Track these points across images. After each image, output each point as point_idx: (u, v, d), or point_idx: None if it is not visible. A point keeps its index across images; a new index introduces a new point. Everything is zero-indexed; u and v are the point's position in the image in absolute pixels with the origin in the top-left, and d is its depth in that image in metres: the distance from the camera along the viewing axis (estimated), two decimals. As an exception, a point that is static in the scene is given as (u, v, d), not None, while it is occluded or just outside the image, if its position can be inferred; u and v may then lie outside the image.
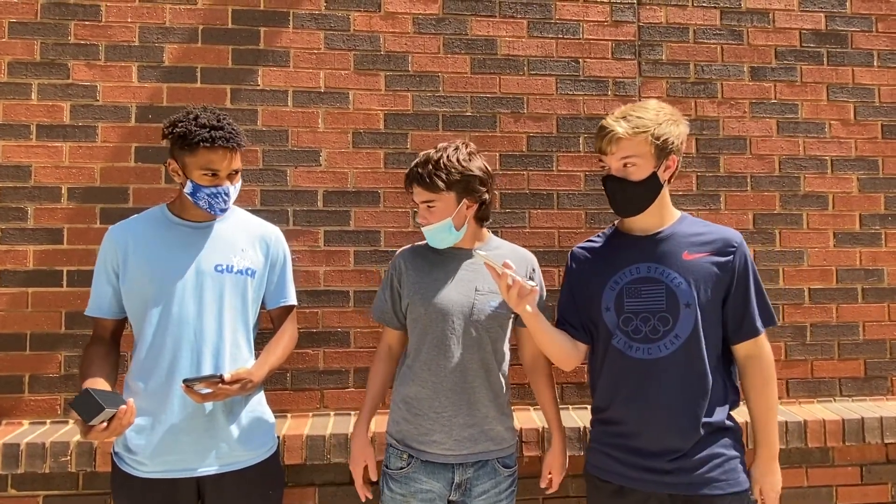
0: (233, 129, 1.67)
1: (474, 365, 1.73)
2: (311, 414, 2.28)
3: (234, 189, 1.72)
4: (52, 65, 2.24)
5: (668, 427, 1.60)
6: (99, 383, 1.58)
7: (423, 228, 1.77)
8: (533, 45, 2.43)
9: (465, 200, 1.72)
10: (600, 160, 1.69)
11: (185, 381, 1.54)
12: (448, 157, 1.70)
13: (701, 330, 1.60)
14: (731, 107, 2.50)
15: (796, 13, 2.55)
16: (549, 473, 1.87)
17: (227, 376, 1.56)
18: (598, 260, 1.75)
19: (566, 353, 1.72)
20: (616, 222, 1.80)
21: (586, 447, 1.78)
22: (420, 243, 1.90)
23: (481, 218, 1.81)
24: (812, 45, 2.55)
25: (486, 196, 1.77)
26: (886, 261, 2.53)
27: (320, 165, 2.33)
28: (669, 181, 1.69)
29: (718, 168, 2.47)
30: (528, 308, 1.57)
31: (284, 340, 1.84)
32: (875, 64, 2.57)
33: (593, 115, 2.43)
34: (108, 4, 2.28)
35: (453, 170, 1.69)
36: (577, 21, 2.45)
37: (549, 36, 2.44)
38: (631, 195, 1.65)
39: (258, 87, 2.32)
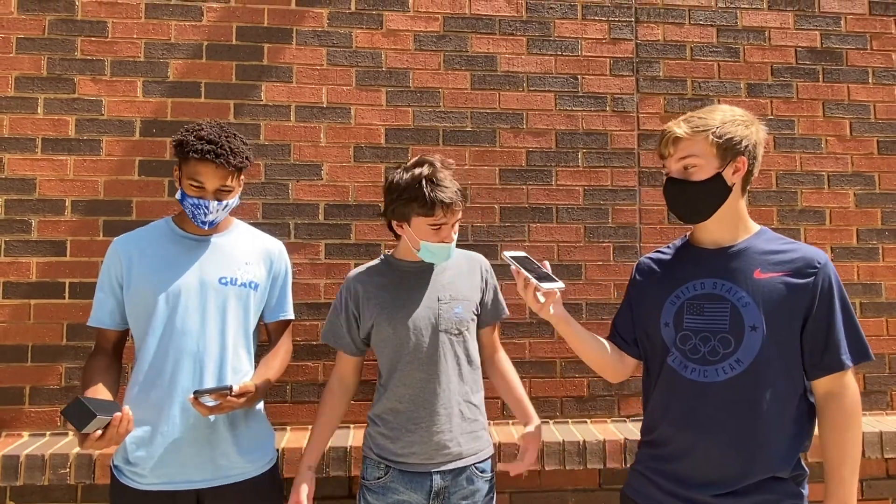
0: (230, 147, 1.66)
1: (449, 373, 1.75)
2: (310, 426, 2.27)
3: (218, 205, 1.69)
4: (59, 80, 2.28)
5: (715, 458, 1.44)
6: (98, 392, 1.59)
7: (447, 246, 1.73)
8: (532, 62, 2.46)
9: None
10: (663, 167, 1.57)
11: (195, 392, 1.54)
12: (448, 175, 1.74)
13: (768, 357, 1.43)
14: (728, 123, 2.52)
15: (791, 31, 2.59)
16: (527, 449, 1.78)
17: (236, 388, 1.57)
18: (663, 272, 1.62)
19: (609, 364, 1.63)
20: (688, 234, 1.66)
21: (630, 467, 1.67)
22: (370, 265, 1.87)
23: None
24: (807, 63, 2.59)
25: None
26: (884, 275, 2.54)
27: (322, 179, 2.36)
28: (744, 189, 1.53)
29: (716, 183, 2.49)
30: (552, 311, 1.50)
31: (281, 354, 1.85)
32: (870, 81, 2.61)
33: (592, 130, 2.46)
34: (115, 21, 2.32)
35: (460, 189, 1.76)
36: (576, 38, 2.49)
37: (548, 53, 2.47)
38: (693, 198, 1.50)
39: (261, 103, 2.35)
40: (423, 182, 1.67)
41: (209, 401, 1.55)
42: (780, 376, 1.44)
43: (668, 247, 1.70)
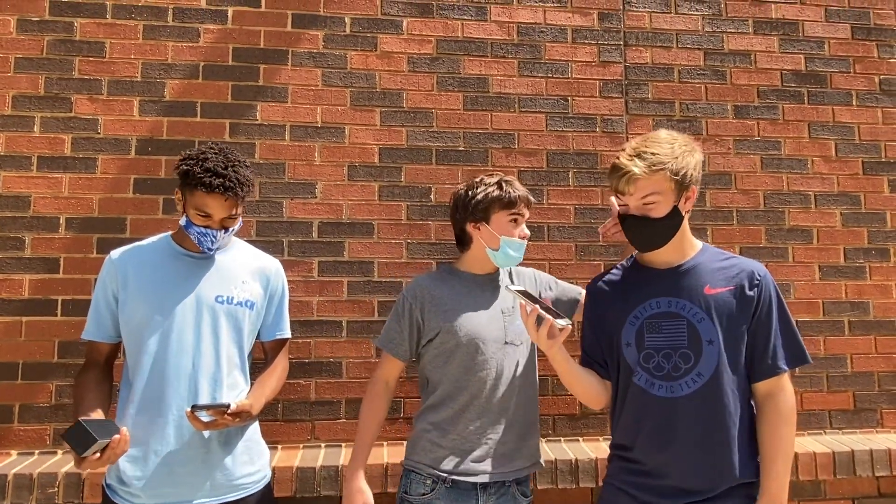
0: (237, 178, 1.67)
1: (513, 385, 1.78)
2: (301, 445, 2.27)
3: (223, 233, 1.71)
4: (56, 99, 2.31)
5: (690, 469, 1.51)
6: (95, 411, 1.58)
7: (524, 243, 1.83)
8: (523, 84, 2.51)
9: None
10: (618, 198, 1.61)
11: (193, 406, 1.54)
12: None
13: (725, 369, 1.51)
14: (716, 143, 2.58)
15: (777, 54, 2.66)
16: None
17: (233, 407, 1.57)
18: (617, 294, 1.67)
19: (595, 393, 1.66)
20: (635, 254, 1.73)
21: (602, 482, 1.72)
22: (431, 273, 1.95)
23: None
24: (793, 85, 2.65)
25: None
26: (871, 294, 2.57)
27: (315, 197, 2.38)
28: (689, 211, 1.63)
29: (705, 203, 2.54)
30: (559, 351, 1.53)
31: (277, 373, 1.85)
32: (854, 103, 2.67)
33: (582, 150, 2.50)
34: (113, 41, 2.35)
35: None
36: (566, 61, 2.54)
37: (539, 75, 2.52)
38: (653, 232, 1.57)
39: (256, 122, 2.38)
40: (501, 182, 1.83)
41: (205, 416, 1.55)
42: (736, 385, 1.53)
43: (617, 268, 1.76)
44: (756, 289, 1.55)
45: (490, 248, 1.81)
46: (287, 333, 1.90)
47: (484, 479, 1.72)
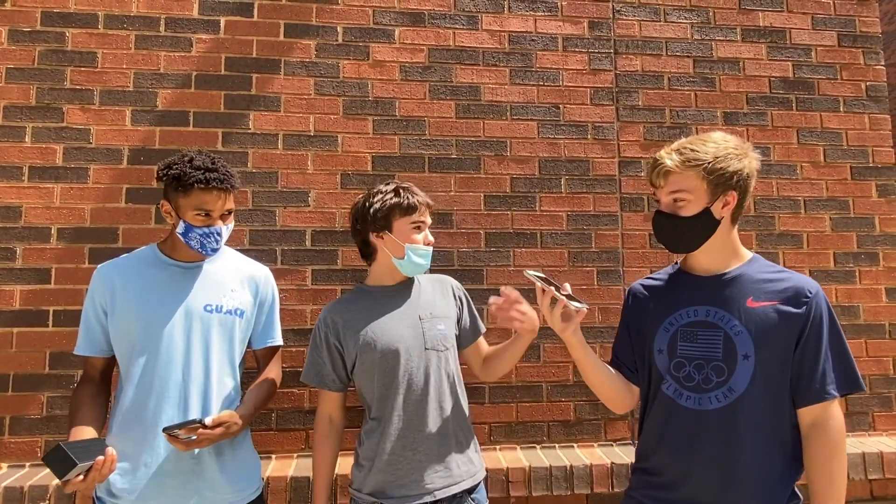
0: (227, 171, 1.71)
1: (441, 391, 1.74)
2: (295, 455, 2.26)
3: (226, 229, 1.74)
4: (47, 109, 2.30)
5: (709, 486, 1.43)
6: (85, 432, 1.56)
7: (429, 250, 1.80)
8: (515, 92, 2.53)
9: None
10: (654, 193, 1.56)
11: (165, 429, 1.52)
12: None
13: (760, 387, 1.42)
14: (706, 150, 2.60)
15: (765, 62, 2.69)
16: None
17: (208, 421, 1.55)
18: (657, 298, 1.61)
19: (618, 394, 1.61)
20: (679, 260, 1.66)
21: (625, 491, 1.65)
22: (341, 297, 1.91)
23: None
24: (781, 92, 2.68)
25: None
26: (861, 297, 2.60)
27: (309, 206, 2.38)
28: (735, 219, 1.53)
29: (696, 208, 2.55)
30: (575, 334, 1.51)
31: (269, 382, 1.84)
32: (841, 109, 2.70)
33: (574, 157, 2.52)
34: (105, 51, 2.35)
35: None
36: (557, 69, 2.56)
37: (531, 83, 2.54)
38: (680, 232, 1.50)
39: (249, 131, 2.39)
40: (399, 188, 1.80)
41: (184, 436, 1.53)
42: (771, 405, 1.43)
43: (662, 273, 1.69)
44: (805, 307, 1.43)
45: (395, 258, 1.77)
46: (278, 341, 1.89)
47: (428, 499, 1.67)
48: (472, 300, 1.94)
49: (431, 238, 1.82)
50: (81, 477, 1.45)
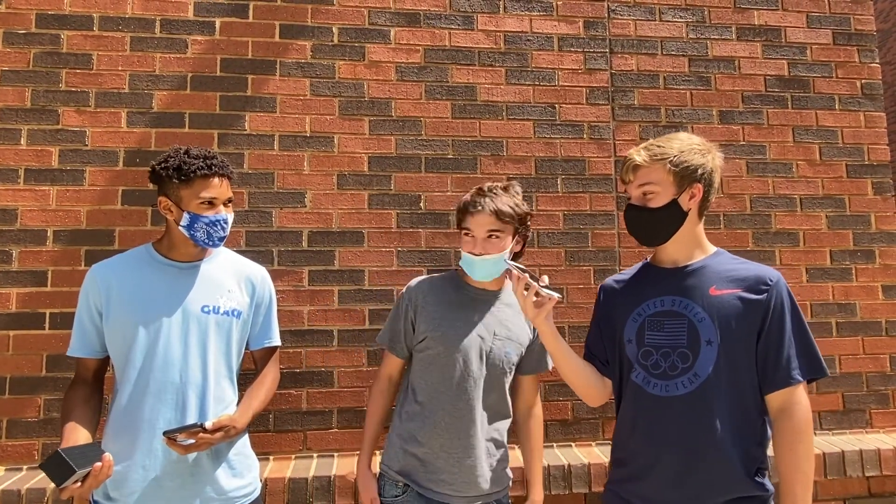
0: (223, 159, 1.74)
1: (487, 409, 1.75)
2: (293, 456, 2.26)
3: (230, 217, 1.74)
4: (43, 111, 2.30)
5: (677, 473, 1.47)
6: (79, 433, 1.56)
7: (476, 258, 1.71)
8: (511, 92, 2.53)
9: (518, 237, 1.77)
10: (625, 191, 1.65)
11: (165, 433, 1.52)
12: (511, 193, 1.76)
13: (724, 372, 1.47)
14: (702, 148, 2.60)
15: (760, 60, 2.69)
16: None
17: (208, 425, 1.55)
18: (626, 292, 1.68)
19: (593, 387, 1.66)
20: (648, 256, 1.73)
21: (605, 484, 1.70)
22: (434, 276, 1.90)
23: (517, 259, 1.83)
24: (776, 90, 2.69)
25: (528, 235, 1.83)
26: (858, 295, 2.60)
27: (305, 207, 2.38)
28: (701, 213, 1.60)
29: (692, 207, 2.56)
30: (546, 322, 1.55)
31: (267, 383, 1.83)
32: (836, 107, 2.70)
33: (570, 157, 2.52)
34: (100, 53, 2.35)
35: (518, 205, 1.74)
36: (553, 69, 2.56)
37: (527, 83, 2.54)
38: (650, 223, 1.57)
39: (245, 132, 2.38)
40: (480, 189, 1.76)
41: (184, 440, 1.53)
42: (736, 391, 1.48)
43: (632, 269, 1.76)
44: (766, 294, 1.49)
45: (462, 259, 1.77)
46: (276, 341, 1.89)
47: (456, 502, 1.71)
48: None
49: (481, 250, 1.71)
50: (79, 483, 1.45)
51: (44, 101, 2.30)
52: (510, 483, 1.84)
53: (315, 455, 2.26)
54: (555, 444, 2.38)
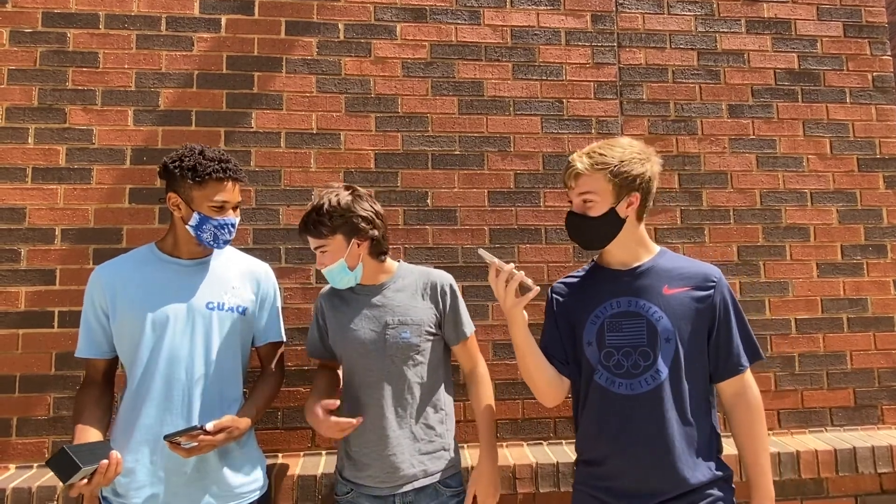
0: (236, 162, 1.74)
1: (396, 396, 1.76)
2: (302, 453, 2.26)
3: (237, 221, 1.75)
4: (50, 110, 2.30)
5: (650, 467, 1.53)
6: (89, 433, 1.56)
7: (322, 271, 1.78)
8: (518, 87, 2.51)
9: (354, 240, 1.75)
10: (567, 195, 1.70)
11: (166, 437, 1.52)
12: (330, 202, 1.73)
13: (683, 366, 1.56)
14: (711, 143, 2.58)
15: (770, 53, 2.66)
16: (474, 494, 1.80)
17: (209, 427, 1.55)
18: (579, 294, 1.72)
19: (553, 385, 1.68)
20: (595, 257, 1.78)
21: (572, 486, 1.73)
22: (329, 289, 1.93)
23: (378, 253, 1.83)
24: (786, 84, 2.66)
25: (375, 233, 1.78)
26: (869, 290, 2.57)
27: (312, 204, 2.37)
28: (640, 217, 1.66)
29: (701, 202, 2.54)
30: (521, 313, 1.58)
31: (272, 381, 1.83)
32: (847, 100, 2.67)
33: (578, 152, 2.50)
34: (106, 51, 2.35)
35: (335, 214, 1.73)
36: (560, 63, 2.54)
37: (534, 78, 2.53)
38: (589, 230, 1.64)
39: (252, 129, 2.38)
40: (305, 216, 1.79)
41: (187, 443, 1.53)
42: (693, 384, 1.57)
43: (580, 271, 1.80)
44: (712, 290, 1.61)
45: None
46: (280, 337, 1.89)
47: (386, 492, 1.73)
48: (464, 297, 1.92)
49: (333, 262, 1.75)
50: (86, 480, 1.45)
51: (51, 99, 2.30)
52: (453, 461, 1.82)
53: (324, 452, 2.26)
54: (563, 441, 2.36)
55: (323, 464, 2.16)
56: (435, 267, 2.35)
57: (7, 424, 2.15)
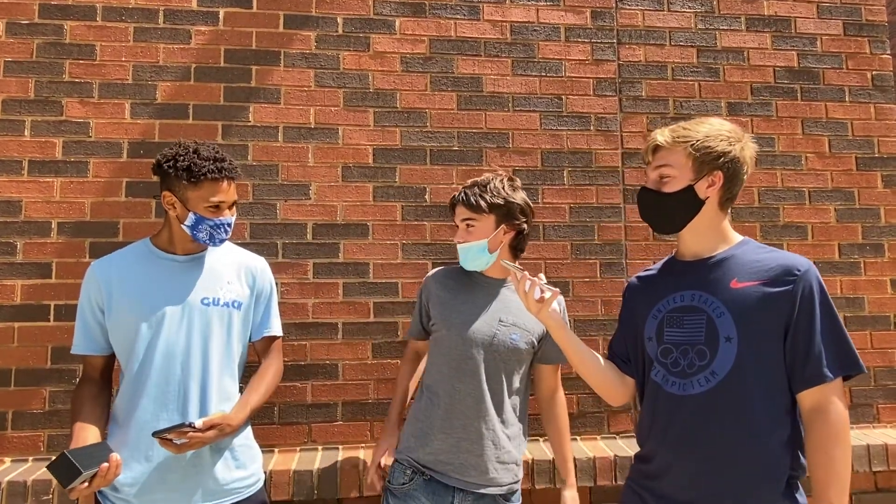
0: (231, 160, 1.72)
1: (488, 394, 1.75)
2: (298, 448, 2.26)
3: (233, 220, 1.74)
4: (46, 102, 2.29)
5: (692, 475, 1.40)
6: (88, 432, 1.56)
7: (458, 246, 1.82)
8: (517, 83, 2.51)
9: (503, 226, 1.80)
10: (646, 173, 1.56)
11: (154, 433, 1.52)
12: (495, 183, 1.81)
13: (745, 370, 1.37)
14: (710, 141, 2.57)
15: (769, 51, 2.66)
16: None
17: (198, 424, 1.55)
18: (648, 288, 1.61)
19: (611, 384, 1.61)
20: (675, 251, 1.63)
21: (625, 481, 1.66)
22: (453, 266, 1.95)
23: (517, 248, 1.87)
24: (786, 82, 2.65)
25: (525, 226, 1.84)
26: (866, 289, 2.58)
27: (310, 199, 2.37)
28: (723, 203, 1.49)
29: (700, 200, 2.53)
30: (550, 315, 1.55)
31: (268, 377, 1.82)
32: (846, 99, 2.67)
33: (576, 149, 2.50)
34: (103, 44, 2.33)
35: (497, 194, 1.79)
36: (560, 60, 2.54)
37: (533, 74, 2.52)
38: (662, 209, 1.49)
39: (249, 124, 2.37)
40: (469, 182, 1.87)
41: (177, 439, 1.52)
42: (759, 390, 1.38)
43: (657, 264, 1.68)
44: (792, 285, 1.37)
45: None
46: (276, 331, 1.88)
47: (453, 483, 1.72)
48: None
49: (460, 237, 1.84)
50: (86, 483, 1.45)
51: (47, 91, 2.29)
52: (518, 477, 1.81)
53: (320, 448, 2.26)
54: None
55: (319, 459, 2.16)
56: (432, 264, 2.35)
57: (3, 418, 2.15)
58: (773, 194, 2.59)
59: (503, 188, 1.80)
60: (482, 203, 1.77)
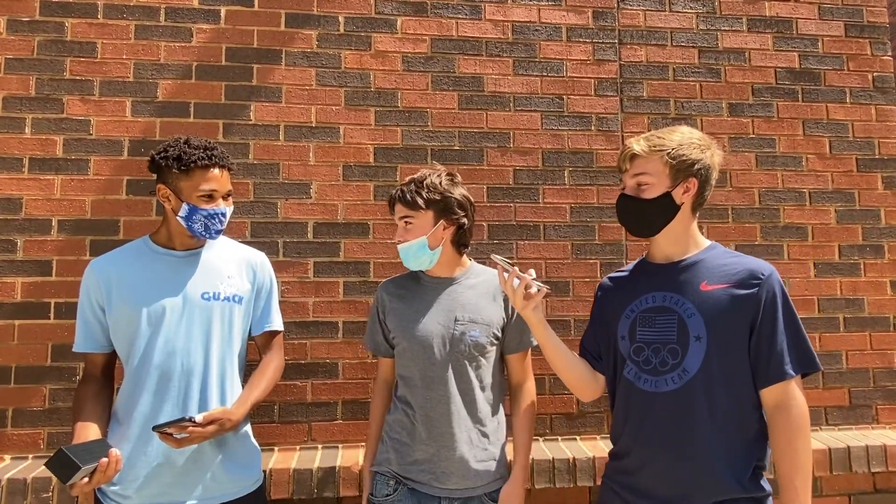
0: (222, 150, 1.73)
1: (459, 396, 1.72)
2: (298, 447, 2.26)
3: (229, 210, 1.74)
4: (47, 99, 2.28)
5: (665, 470, 1.47)
6: (90, 430, 1.56)
7: (398, 246, 1.77)
8: (518, 83, 2.51)
9: (442, 221, 1.75)
10: (621, 180, 1.64)
11: (154, 427, 1.52)
12: (432, 179, 1.76)
13: (714, 368, 1.46)
14: (711, 141, 2.58)
15: (771, 52, 2.66)
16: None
17: (198, 418, 1.55)
18: (621, 289, 1.68)
19: (584, 381, 1.67)
20: (645, 253, 1.72)
21: (602, 480, 1.70)
22: (398, 275, 1.92)
23: (460, 244, 1.82)
24: (787, 83, 2.65)
25: (465, 221, 1.78)
26: (866, 290, 2.58)
27: (311, 198, 2.37)
28: (695, 208, 1.58)
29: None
30: (535, 313, 1.56)
31: (268, 372, 1.81)
32: (847, 100, 2.67)
33: (577, 149, 2.50)
34: (104, 42, 2.33)
35: (434, 190, 1.75)
36: (561, 60, 2.54)
37: (534, 74, 2.52)
38: (641, 214, 1.57)
39: (250, 122, 2.37)
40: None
41: (177, 433, 1.52)
42: (726, 388, 1.47)
43: (629, 266, 1.76)
44: (757, 288, 1.47)
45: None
46: (277, 326, 1.87)
47: (436, 493, 1.70)
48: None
49: (401, 236, 1.78)
50: (86, 479, 1.45)
51: (48, 89, 2.29)
52: (503, 474, 1.77)
53: (320, 446, 2.26)
54: (559, 438, 2.38)
55: (319, 458, 2.16)
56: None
57: (3, 415, 2.15)
58: (773, 195, 2.59)
59: (440, 183, 1.75)
60: (419, 199, 1.73)
